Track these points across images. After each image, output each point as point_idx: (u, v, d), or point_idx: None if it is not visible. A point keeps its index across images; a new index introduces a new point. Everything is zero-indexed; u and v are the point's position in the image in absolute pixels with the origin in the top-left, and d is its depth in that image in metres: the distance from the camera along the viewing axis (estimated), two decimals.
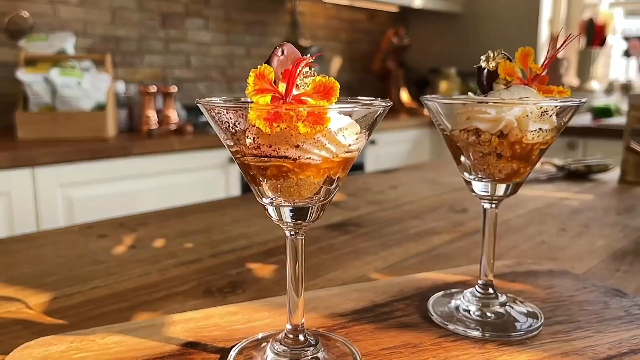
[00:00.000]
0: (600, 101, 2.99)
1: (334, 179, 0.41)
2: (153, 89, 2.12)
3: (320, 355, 0.45)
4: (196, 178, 2.06)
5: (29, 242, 0.81)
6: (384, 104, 0.40)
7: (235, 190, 2.19)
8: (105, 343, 0.47)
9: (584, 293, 0.60)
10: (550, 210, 1.03)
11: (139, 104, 2.15)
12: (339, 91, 0.37)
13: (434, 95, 0.50)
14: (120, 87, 2.22)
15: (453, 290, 0.59)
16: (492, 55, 0.49)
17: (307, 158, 0.37)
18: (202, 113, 0.41)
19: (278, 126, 0.35)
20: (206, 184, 2.10)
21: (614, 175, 1.34)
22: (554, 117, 0.46)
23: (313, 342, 0.45)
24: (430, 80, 3.30)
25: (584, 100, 0.48)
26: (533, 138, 0.46)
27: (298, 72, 0.36)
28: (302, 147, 0.37)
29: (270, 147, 0.37)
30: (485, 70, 0.49)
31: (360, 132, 0.40)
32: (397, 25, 3.37)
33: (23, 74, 1.92)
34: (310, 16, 3.18)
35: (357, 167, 2.64)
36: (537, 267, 0.68)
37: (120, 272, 0.70)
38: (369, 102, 0.40)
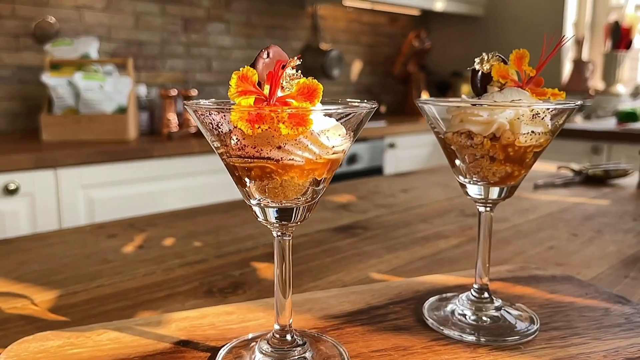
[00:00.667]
0: (627, 105, 2.93)
1: (320, 180, 0.41)
2: (174, 92, 2.15)
3: (307, 355, 0.45)
4: (215, 180, 2.08)
5: (41, 241, 0.83)
6: (368, 105, 0.40)
7: None
8: (100, 340, 0.49)
9: (586, 299, 0.59)
10: (563, 215, 1.02)
11: (160, 107, 2.19)
12: (322, 93, 0.37)
13: (428, 98, 0.49)
14: (142, 90, 2.26)
15: (449, 294, 0.58)
16: (486, 57, 0.48)
17: (290, 159, 0.38)
18: None
19: (259, 127, 0.35)
20: (224, 186, 2.12)
21: (633, 180, 1.31)
22: (547, 119, 0.46)
23: (300, 343, 0.45)
24: (451, 84, 3.27)
25: (579, 102, 0.47)
26: (526, 141, 0.46)
27: (280, 73, 0.37)
28: (284, 149, 0.37)
29: (254, 148, 0.38)
30: (480, 73, 0.49)
31: (345, 134, 0.40)
32: (418, 29, 3.36)
33: (48, 78, 1.97)
34: (331, 20, 3.19)
35: (376, 170, 2.64)
36: (540, 272, 0.67)
37: (125, 271, 0.72)
38: (353, 104, 0.40)
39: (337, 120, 0.40)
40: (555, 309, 0.56)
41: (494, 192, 0.50)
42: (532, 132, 0.46)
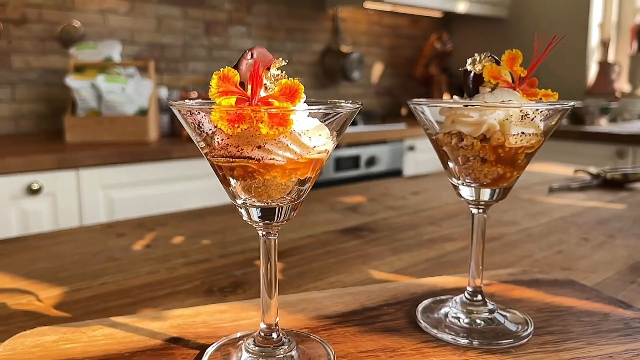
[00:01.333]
0: None
1: (304, 180, 0.41)
2: (194, 94, 2.18)
3: (293, 353, 0.45)
4: None
5: (52, 239, 0.85)
6: (350, 106, 0.40)
7: None
8: (94, 335, 0.50)
9: (586, 304, 0.58)
10: (576, 219, 1.00)
11: None
12: (303, 93, 0.38)
13: (420, 99, 0.49)
14: (163, 92, 2.29)
15: (443, 296, 0.58)
16: (478, 58, 0.48)
17: (271, 159, 0.38)
18: None
19: (238, 127, 0.36)
20: None
21: None
22: (537, 120, 0.45)
23: (286, 341, 0.45)
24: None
25: (571, 103, 0.47)
26: (516, 142, 0.45)
27: (261, 73, 0.37)
28: (264, 148, 0.38)
29: (236, 147, 0.38)
30: (472, 74, 0.48)
31: (328, 134, 0.40)
32: (440, 31, 3.33)
33: (72, 80, 2.02)
34: (351, 22, 3.19)
35: (396, 173, 2.63)
36: (542, 276, 0.66)
37: (130, 269, 0.73)
38: (336, 104, 0.41)
39: (320, 120, 0.40)
40: (553, 313, 0.55)
41: (485, 193, 0.49)
42: (522, 133, 0.45)
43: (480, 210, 0.51)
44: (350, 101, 0.41)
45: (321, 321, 0.53)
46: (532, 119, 0.45)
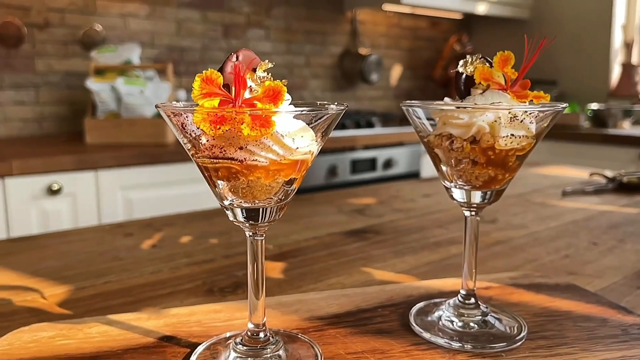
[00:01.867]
0: None
1: (290, 181, 0.42)
2: None
3: (281, 353, 0.45)
4: None
5: (61, 239, 0.87)
6: (335, 108, 0.40)
7: None
8: (89, 332, 0.51)
9: (585, 309, 0.57)
10: (588, 223, 0.98)
11: None
12: (285, 95, 0.38)
13: (412, 101, 0.49)
14: (182, 95, 2.32)
15: (438, 299, 0.58)
16: (470, 60, 0.48)
17: (253, 160, 0.38)
18: None
19: (219, 128, 0.36)
20: None
21: None
22: (526, 122, 0.45)
23: (273, 341, 0.46)
24: None
25: (564, 105, 0.46)
26: (506, 144, 0.45)
27: (242, 74, 0.38)
28: (247, 149, 0.38)
29: (220, 148, 0.39)
30: (464, 76, 0.48)
31: (312, 136, 0.40)
32: (460, 32, 3.31)
33: (92, 83, 2.06)
34: (370, 24, 3.18)
35: (413, 175, 2.61)
36: (543, 280, 0.65)
37: (134, 268, 0.74)
38: (321, 106, 0.41)
39: (306, 122, 0.40)
40: (549, 318, 0.55)
41: (476, 196, 0.49)
42: (512, 135, 0.45)
43: (473, 213, 0.51)
44: (336, 103, 0.42)
45: (313, 322, 0.53)
46: (522, 120, 0.44)
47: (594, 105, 2.79)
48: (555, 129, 2.67)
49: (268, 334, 0.46)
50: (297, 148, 0.39)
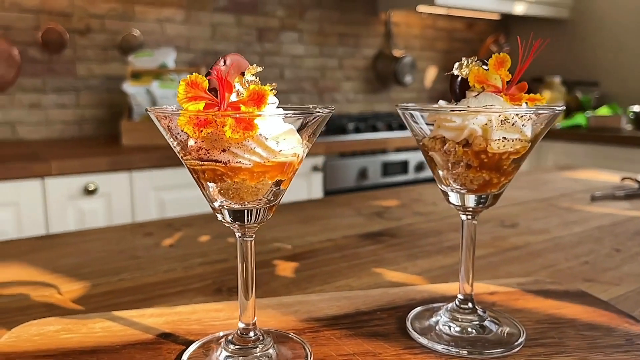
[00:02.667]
0: None
1: (277, 182, 0.42)
2: None
3: (271, 352, 0.46)
4: None
5: (83, 237, 0.90)
6: (320, 111, 0.41)
7: (317, 196, 2.23)
8: (93, 327, 0.52)
9: (591, 317, 0.55)
10: (613, 229, 0.95)
11: None
12: (269, 98, 0.39)
13: (407, 104, 0.49)
14: None
15: (437, 304, 0.57)
16: (465, 62, 0.47)
17: (237, 162, 0.39)
18: None
19: (202, 131, 0.37)
20: (289, 190, 2.16)
21: None
22: (518, 125, 0.44)
23: (263, 340, 0.46)
24: (532, 90, 3.12)
25: (561, 107, 0.45)
26: (498, 147, 0.44)
27: (224, 78, 0.38)
28: (230, 151, 0.39)
29: (207, 150, 0.40)
30: (459, 78, 0.48)
31: (298, 139, 0.41)
32: (497, 33, 3.25)
33: (128, 87, 2.12)
34: (404, 26, 3.16)
35: None
36: (553, 286, 0.63)
37: (149, 267, 0.76)
38: (308, 109, 0.41)
39: (295, 125, 0.41)
40: (552, 325, 0.53)
41: (470, 200, 0.48)
42: (504, 138, 0.44)
43: (469, 217, 0.50)
44: (322, 106, 0.42)
45: (310, 323, 0.53)
46: (513, 123, 0.43)
47: (636, 108, 2.69)
48: (595, 131, 2.59)
49: (258, 333, 0.47)
50: (281, 150, 0.40)
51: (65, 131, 2.32)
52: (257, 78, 0.42)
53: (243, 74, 0.42)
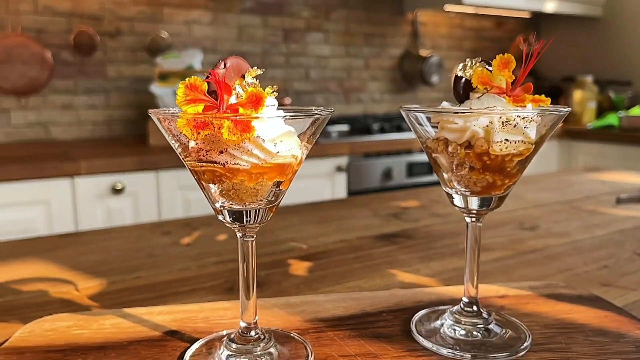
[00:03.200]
0: None
1: (277, 183, 0.43)
2: None
3: (272, 351, 0.47)
4: (304, 185, 2.13)
5: (104, 235, 0.92)
6: (318, 113, 0.41)
7: (340, 197, 2.23)
8: (103, 324, 0.54)
9: (603, 322, 0.54)
10: (636, 232, 0.93)
11: None
12: (266, 101, 0.39)
13: (411, 106, 0.49)
14: None
15: (442, 306, 0.57)
16: (469, 63, 0.47)
17: (235, 163, 0.40)
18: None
19: (199, 133, 0.38)
20: (313, 190, 2.17)
21: None
22: (521, 126, 0.43)
23: (264, 339, 0.47)
24: (563, 89, 3.07)
25: (567, 109, 0.44)
26: (501, 149, 0.44)
27: (222, 80, 0.39)
28: (228, 153, 0.39)
29: (206, 152, 0.40)
30: (463, 79, 0.47)
31: (296, 141, 0.41)
32: (527, 32, 3.19)
33: (156, 88, 2.16)
34: (431, 26, 3.14)
35: None
36: (566, 291, 0.62)
37: (164, 265, 0.78)
38: (303, 111, 0.42)
39: (295, 127, 0.41)
40: (561, 330, 0.52)
41: (473, 202, 0.48)
42: (507, 140, 0.43)
43: (473, 219, 0.50)
44: (322, 108, 0.42)
45: (315, 323, 0.54)
46: (515, 125, 0.43)
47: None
48: (628, 132, 2.52)
49: (259, 332, 0.47)
50: (278, 152, 0.40)
51: (96, 131, 2.37)
52: (258, 80, 0.42)
53: (244, 76, 0.42)
